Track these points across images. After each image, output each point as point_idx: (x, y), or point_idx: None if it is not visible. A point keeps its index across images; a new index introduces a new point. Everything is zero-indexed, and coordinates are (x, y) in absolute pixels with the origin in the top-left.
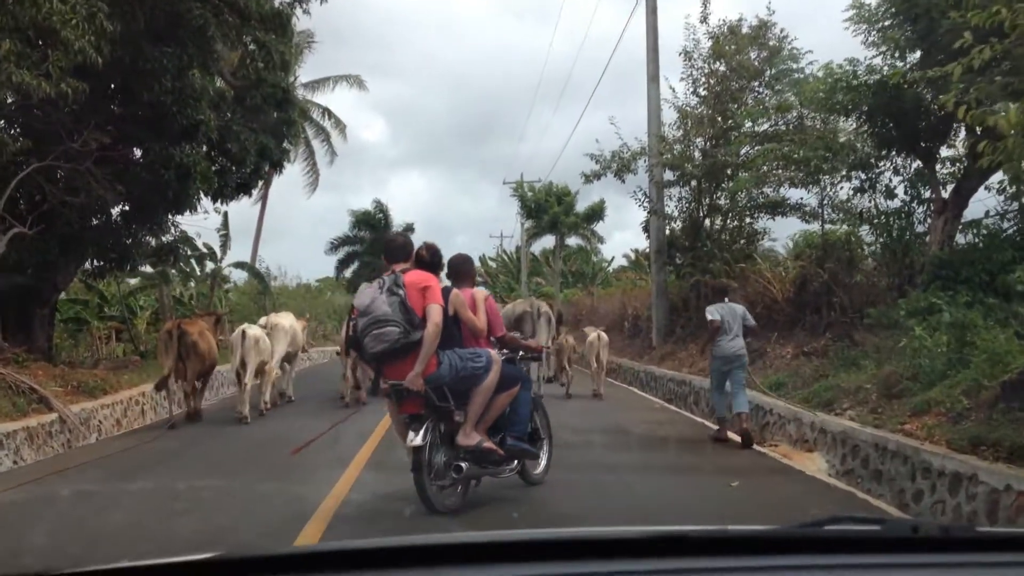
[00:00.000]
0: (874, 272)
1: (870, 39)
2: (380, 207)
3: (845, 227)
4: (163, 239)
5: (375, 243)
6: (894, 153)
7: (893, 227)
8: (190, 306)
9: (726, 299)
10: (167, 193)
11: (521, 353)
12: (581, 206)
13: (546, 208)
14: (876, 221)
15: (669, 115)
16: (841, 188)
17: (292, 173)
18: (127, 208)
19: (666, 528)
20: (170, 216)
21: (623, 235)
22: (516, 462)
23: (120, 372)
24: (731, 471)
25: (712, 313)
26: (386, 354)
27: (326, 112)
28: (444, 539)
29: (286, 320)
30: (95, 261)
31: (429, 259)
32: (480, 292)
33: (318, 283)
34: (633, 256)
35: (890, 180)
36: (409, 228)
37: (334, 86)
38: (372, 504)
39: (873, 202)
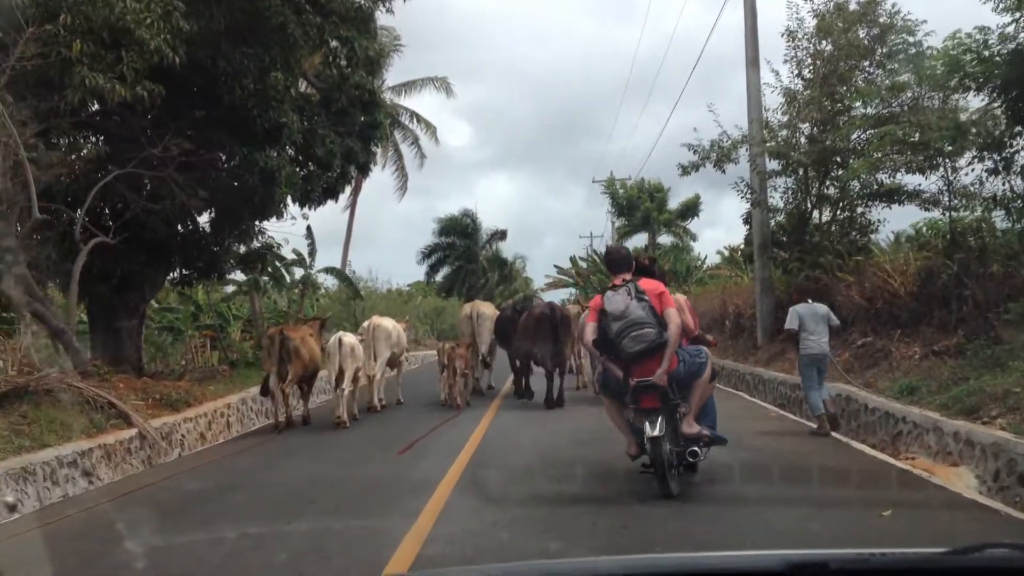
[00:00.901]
0: (1011, 262)
1: (1001, 4)
2: (468, 214)
3: (976, 213)
4: (250, 246)
5: (466, 249)
6: None
7: None
8: (284, 313)
9: (809, 300)
10: (252, 198)
11: None
12: (673, 203)
13: (638, 205)
14: (1012, 206)
15: (772, 100)
16: (971, 170)
17: (381, 178)
18: (213, 215)
19: (806, 553)
20: (256, 222)
21: (714, 232)
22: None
23: (206, 383)
24: (871, 490)
25: (791, 320)
26: (643, 354)
27: (414, 116)
28: (574, 565)
29: (388, 322)
30: (182, 270)
31: (648, 266)
32: (681, 296)
33: (409, 287)
34: (727, 253)
35: None
36: (501, 235)
37: (421, 89)
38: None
39: (1008, 184)
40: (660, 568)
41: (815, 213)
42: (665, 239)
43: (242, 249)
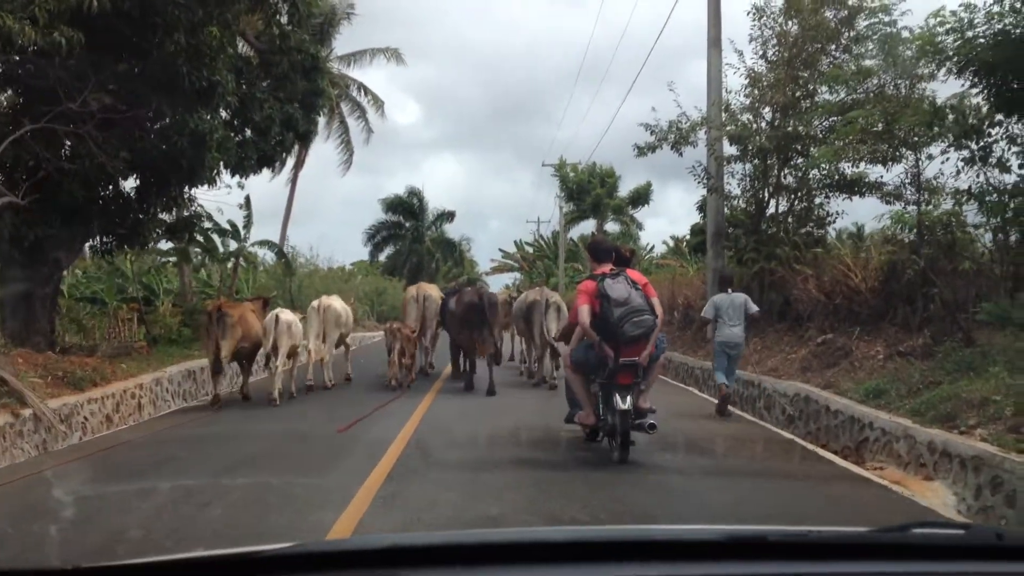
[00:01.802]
0: (984, 259)
1: None
2: (415, 193)
3: (945, 206)
4: (179, 214)
5: (413, 229)
6: (1013, 119)
7: (1010, 206)
8: (216, 287)
9: (729, 289)
10: (181, 163)
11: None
12: (621, 191)
13: (588, 190)
14: (988, 199)
15: (734, 82)
16: (944, 161)
17: (326, 152)
18: (138, 179)
19: (745, 528)
20: (186, 189)
21: (657, 222)
22: None
23: (120, 360)
24: (836, 503)
25: (707, 309)
26: (638, 338)
27: (362, 88)
28: (521, 535)
29: (338, 302)
30: (103, 237)
31: (628, 258)
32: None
33: (353, 267)
34: (672, 243)
35: (1005, 150)
36: (449, 216)
37: (371, 60)
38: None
39: (984, 176)
40: (605, 538)
41: (772, 202)
42: (612, 227)
43: (169, 217)
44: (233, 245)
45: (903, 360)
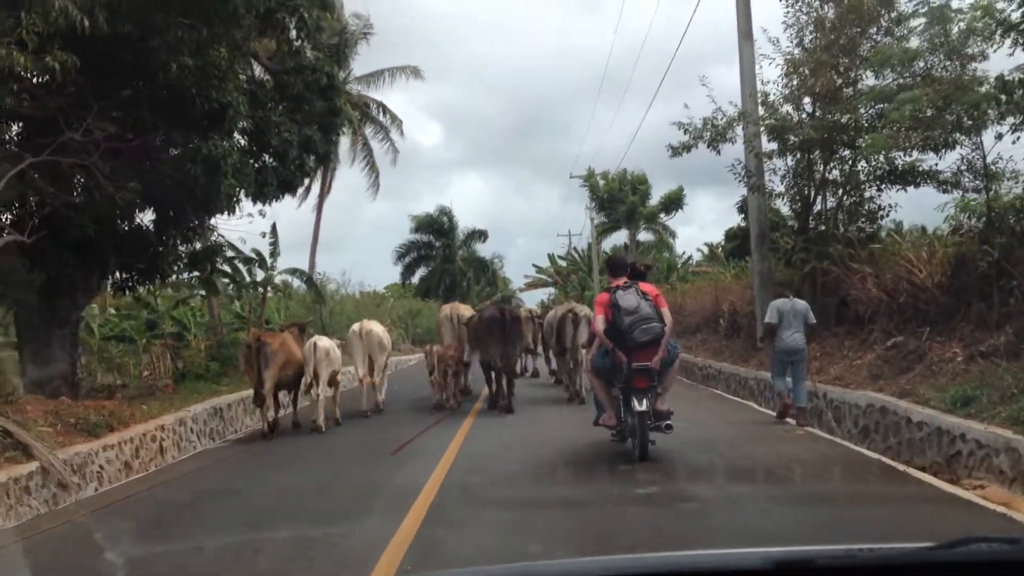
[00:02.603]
0: None
1: None
2: (445, 211)
3: (1017, 190)
4: (197, 245)
5: (444, 248)
6: None
7: None
8: (245, 318)
9: (789, 295)
10: (194, 191)
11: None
12: (652, 199)
13: (620, 198)
14: None
15: (769, 73)
16: (1017, 139)
17: (353, 178)
18: (153, 210)
19: (791, 551)
20: (205, 219)
21: (687, 230)
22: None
23: (143, 401)
24: (933, 528)
25: (770, 314)
26: (647, 344)
27: (382, 107)
28: (571, 566)
29: (378, 326)
30: (122, 272)
31: (643, 272)
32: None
33: (386, 290)
34: (707, 250)
35: None
36: (480, 235)
37: (390, 80)
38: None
39: None
40: (646, 568)
41: (818, 199)
42: (645, 236)
43: (189, 249)
44: (260, 274)
45: (987, 362)
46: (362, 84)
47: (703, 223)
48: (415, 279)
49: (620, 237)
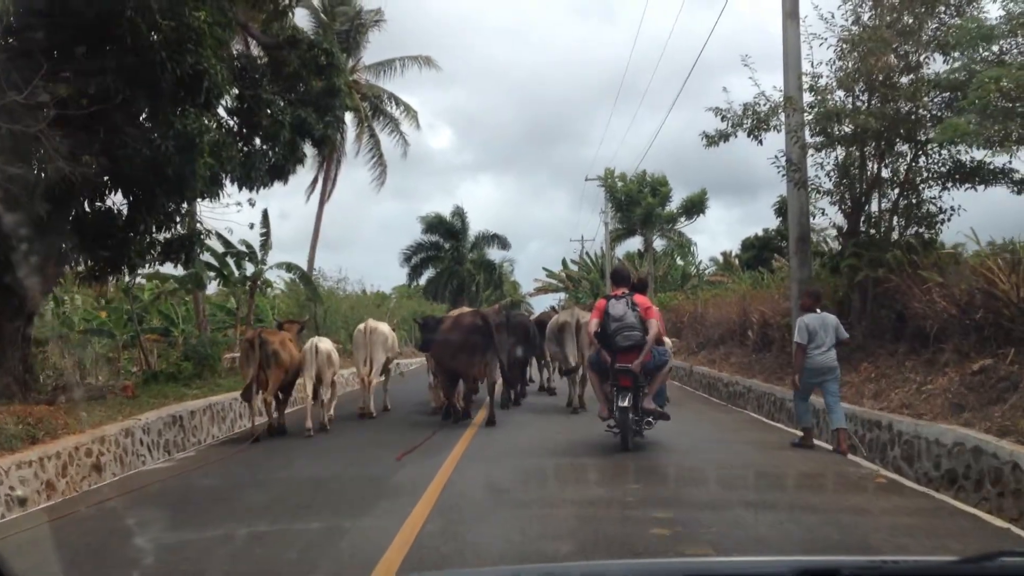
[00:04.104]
0: None
1: None
2: (458, 212)
3: None
4: (174, 232)
5: (453, 250)
6: None
7: None
8: (232, 314)
9: (818, 308)
10: (165, 170)
11: None
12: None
13: (638, 200)
14: None
15: (819, 55)
16: None
17: (360, 175)
18: (119, 191)
19: (817, 560)
20: (178, 202)
21: (698, 239)
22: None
23: (92, 406)
24: None
25: (799, 332)
26: (629, 348)
27: (393, 98)
28: (589, 568)
29: (384, 325)
30: (85, 260)
31: (641, 284)
32: (655, 308)
33: (394, 292)
34: (721, 259)
35: None
36: (495, 239)
37: (402, 69)
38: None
39: None
40: (670, 572)
41: (871, 198)
42: (659, 244)
43: (165, 237)
44: (250, 268)
45: None
46: (372, 73)
47: (713, 234)
48: (422, 280)
49: (634, 243)
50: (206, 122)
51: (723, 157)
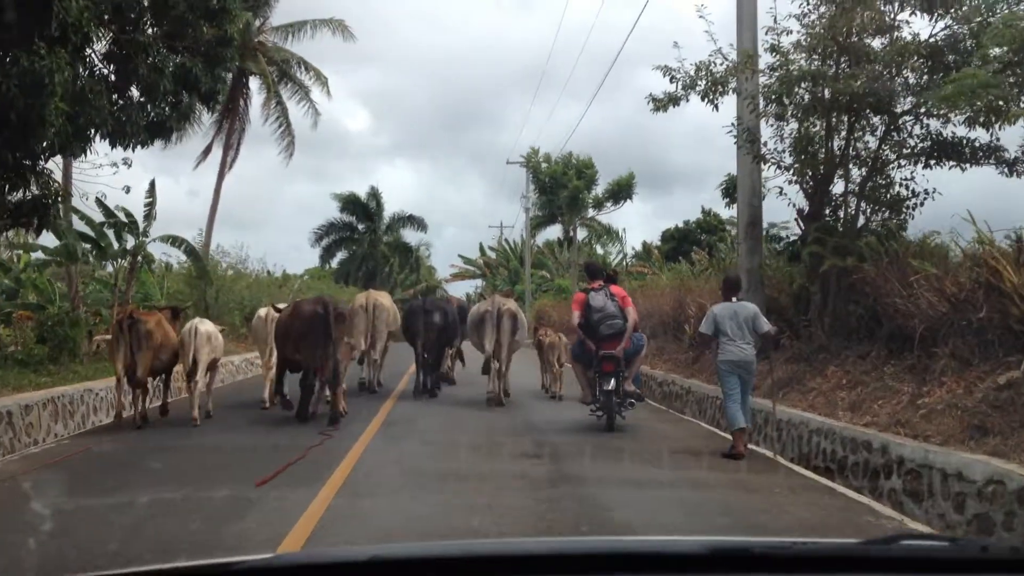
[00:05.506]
0: None
1: None
2: (374, 193)
3: None
4: (26, 192)
5: (368, 232)
6: None
7: None
8: (115, 292)
9: (734, 297)
10: (7, 115)
11: None
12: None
13: (564, 183)
14: None
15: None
16: None
17: (269, 151)
18: None
19: (729, 540)
20: (25, 154)
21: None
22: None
23: None
24: None
25: (706, 323)
26: (611, 336)
27: (302, 63)
28: (504, 546)
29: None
30: None
31: (613, 277)
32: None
33: (306, 274)
34: (641, 249)
35: None
36: (411, 220)
37: (312, 32)
38: None
39: None
40: (588, 550)
41: (835, 178)
42: (581, 233)
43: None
44: (131, 241)
45: None
46: (280, 35)
47: (630, 226)
48: (335, 263)
49: (555, 231)
50: (58, 59)
51: (643, 149)
